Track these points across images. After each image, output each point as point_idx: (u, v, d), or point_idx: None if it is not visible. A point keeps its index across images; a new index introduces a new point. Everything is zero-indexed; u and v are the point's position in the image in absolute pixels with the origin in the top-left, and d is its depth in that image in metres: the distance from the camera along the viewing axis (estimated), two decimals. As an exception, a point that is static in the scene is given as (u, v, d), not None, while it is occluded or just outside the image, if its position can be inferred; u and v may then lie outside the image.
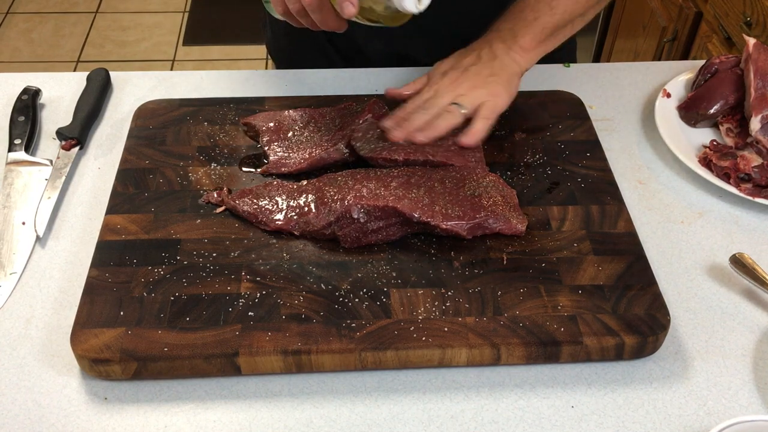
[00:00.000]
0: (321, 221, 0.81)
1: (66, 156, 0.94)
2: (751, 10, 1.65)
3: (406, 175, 0.85)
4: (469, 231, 0.81)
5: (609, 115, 1.03)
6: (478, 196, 0.83)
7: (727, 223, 0.89)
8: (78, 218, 0.88)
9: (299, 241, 0.82)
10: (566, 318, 0.74)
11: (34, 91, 1.02)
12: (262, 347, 0.71)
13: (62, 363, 0.74)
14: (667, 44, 1.98)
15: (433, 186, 0.84)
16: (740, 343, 0.77)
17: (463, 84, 0.88)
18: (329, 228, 0.81)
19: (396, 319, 0.74)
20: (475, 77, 0.89)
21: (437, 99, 0.87)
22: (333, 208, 0.81)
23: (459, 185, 0.85)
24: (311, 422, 0.70)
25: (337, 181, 0.84)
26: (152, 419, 0.70)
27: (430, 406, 0.72)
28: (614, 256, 0.80)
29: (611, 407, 0.72)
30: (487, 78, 0.89)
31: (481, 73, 0.89)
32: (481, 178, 0.86)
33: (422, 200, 0.82)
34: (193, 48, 3.02)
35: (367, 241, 0.81)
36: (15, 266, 0.83)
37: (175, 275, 0.78)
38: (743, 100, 0.98)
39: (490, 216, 0.81)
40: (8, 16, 3.15)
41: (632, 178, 0.94)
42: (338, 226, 0.80)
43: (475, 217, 0.81)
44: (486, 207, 0.82)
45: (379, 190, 0.82)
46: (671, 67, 1.12)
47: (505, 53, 0.91)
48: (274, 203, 0.84)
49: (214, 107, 0.99)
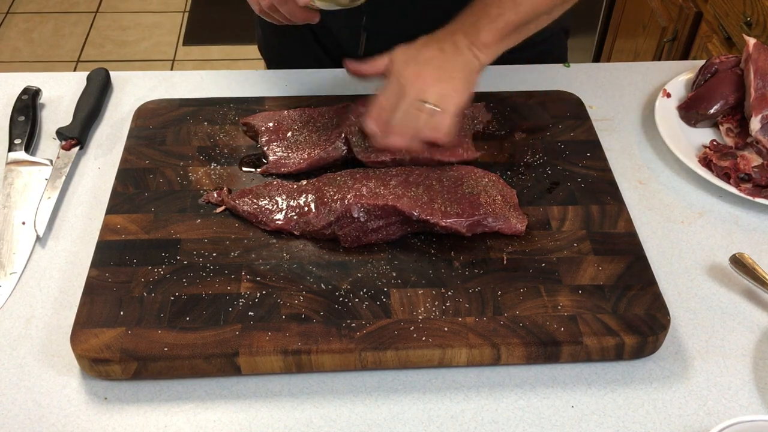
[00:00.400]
0: (321, 221, 0.81)
1: (66, 156, 0.94)
2: (751, 10, 1.65)
3: (404, 173, 0.85)
4: (469, 228, 0.81)
5: (609, 115, 1.03)
6: (477, 195, 0.83)
7: (727, 223, 0.89)
8: (78, 218, 0.88)
9: (299, 241, 0.82)
10: (566, 318, 0.74)
11: (34, 91, 1.02)
12: (262, 347, 0.71)
13: (62, 363, 0.74)
14: (667, 44, 1.98)
15: (432, 184, 0.84)
16: (740, 343, 0.77)
17: (427, 78, 0.88)
18: (329, 228, 0.81)
19: (396, 319, 0.74)
20: (439, 71, 0.88)
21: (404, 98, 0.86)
22: (333, 207, 0.81)
23: (457, 183, 0.85)
24: (311, 422, 0.70)
25: (337, 181, 0.84)
26: (152, 419, 0.70)
27: (430, 406, 0.72)
28: (614, 256, 0.80)
29: (611, 407, 0.72)
30: (451, 73, 0.89)
31: (444, 67, 0.89)
32: (481, 177, 0.86)
33: (421, 198, 0.82)
34: (193, 48, 3.02)
35: (367, 240, 0.81)
36: (15, 266, 0.83)
37: (175, 275, 0.78)
38: (743, 100, 0.98)
39: (489, 214, 0.81)
40: (8, 16, 3.15)
41: (632, 178, 0.94)
42: (338, 225, 0.80)
43: (474, 215, 0.81)
44: (485, 205, 0.82)
45: (379, 189, 0.82)
46: (671, 67, 1.12)
47: (467, 48, 0.90)
48: (274, 203, 0.84)
49: (214, 107, 0.99)
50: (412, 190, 0.83)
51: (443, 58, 0.89)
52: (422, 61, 0.90)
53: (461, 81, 0.88)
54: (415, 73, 0.88)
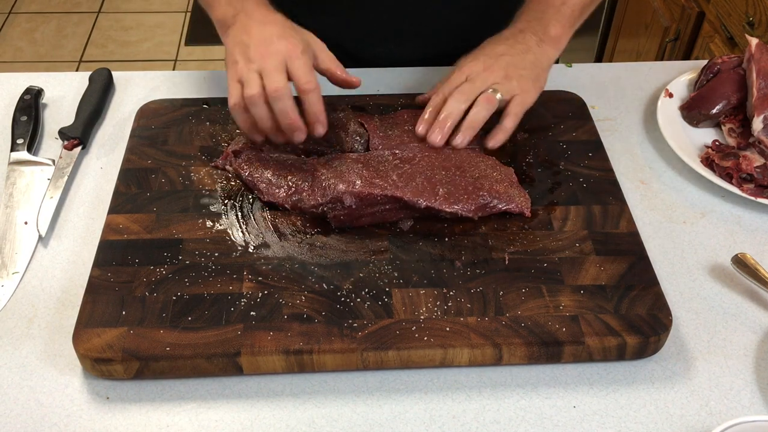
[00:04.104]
0: (311, 200, 0.81)
1: (68, 156, 0.95)
2: (753, 10, 1.64)
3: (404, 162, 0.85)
4: (475, 212, 0.81)
5: (611, 115, 1.03)
6: (478, 178, 0.83)
7: (730, 223, 0.89)
8: (80, 218, 0.88)
9: (301, 241, 0.82)
10: (568, 318, 0.74)
11: (36, 91, 1.02)
12: (264, 347, 0.71)
13: (64, 362, 0.74)
14: (670, 44, 1.97)
15: (433, 171, 0.84)
16: (742, 343, 0.77)
17: (498, 72, 0.86)
18: (319, 208, 0.81)
19: (398, 319, 0.74)
20: (508, 67, 0.87)
21: (472, 84, 0.85)
22: (326, 192, 0.81)
23: (458, 168, 0.85)
24: (313, 422, 0.70)
25: (336, 165, 0.84)
26: (154, 419, 0.70)
27: (432, 406, 0.72)
28: (616, 256, 0.80)
29: (613, 407, 0.72)
30: (520, 71, 0.87)
31: (514, 64, 0.88)
32: (479, 161, 0.86)
33: (424, 187, 0.82)
34: (195, 48, 3.02)
35: (358, 224, 0.82)
36: (17, 266, 0.83)
37: (177, 275, 0.78)
38: (745, 101, 0.98)
39: (494, 197, 0.82)
40: (11, 16, 3.16)
41: (634, 178, 0.94)
42: (329, 208, 0.81)
43: (479, 198, 0.81)
44: (488, 188, 0.82)
45: (378, 178, 0.82)
46: (673, 67, 1.12)
47: (537, 45, 0.89)
48: (276, 176, 0.85)
49: (216, 107, 0.99)
50: (415, 179, 0.83)
51: (513, 56, 0.88)
52: (493, 55, 0.88)
53: (529, 80, 0.87)
54: (485, 66, 0.87)
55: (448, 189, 0.82)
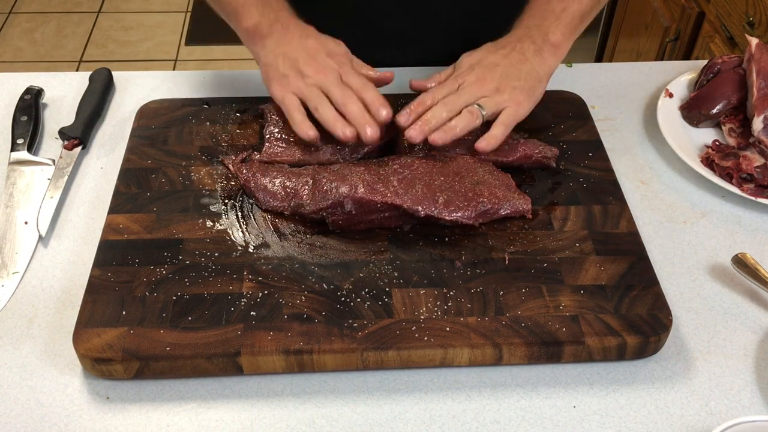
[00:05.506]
0: (312, 206, 0.82)
1: (68, 156, 0.95)
2: (753, 10, 1.65)
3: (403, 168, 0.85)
4: (476, 219, 0.81)
5: (611, 115, 1.03)
6: (477, 184, 0.83)
7: (730, 223, 0.89)
8: (80, 218, 0.88)
9: (301, 241, 0.82)
10: (568, 318, 0.74)
11: (36, 91, 1.02)
12: (264, 347, 0.71)
13: (64, 362, 0.74)
14: (670, 44, 1.98)
15: (432, 179, 0.84)
16: (742, 343, 0.77)
17: (489, 85, 0.87)
18: (319, 213, 0.82)
19: (398, 318, 0.74)
20: (501, 79, 0.87)
21: (459, 97, 0.86)
22: (327, 195, 0.81)
23: (457, 175, 0.84)
24: (313, 422, 0.70)
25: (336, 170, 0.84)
26: (154, 419, 0.70)
27: (432, 405, 0.72)
28: (616, 256, 0.80)
29: (613, 407, 0.72)
30: (513, 83, 0.87)
31: (508, 75, 0.88)
32: (477, 167, 0.86)
33: (424, 194, 0.82)
34: (195, 48, 3.02)
35: (357, 228, 0.82)
36: (17, 266, 0.83)
37: (177, 275, 0.78)
38: (746, 101, 0.98)
39: (494, 202, 0.82)
40: (11, 16, 3.16)
41: (634, 178, 0.94)
42: (329, 212, 0.81)
43: (479, 205, 0.81)
44: (487, 193, 0.82)
45: (378, 184, 0.82)
46: (674, 67, 1.12)
47: (536, 55, 0.89)
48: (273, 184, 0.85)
49: (216, 107, 0.99)
50: (414, 187, 0.83)
51: (508, 66, 0.88)
52: (486, 66, 0.88)
53: (523, 92, 0.87)
54: (477, 78, 0.87)
55: (448, 196, 0.82)
